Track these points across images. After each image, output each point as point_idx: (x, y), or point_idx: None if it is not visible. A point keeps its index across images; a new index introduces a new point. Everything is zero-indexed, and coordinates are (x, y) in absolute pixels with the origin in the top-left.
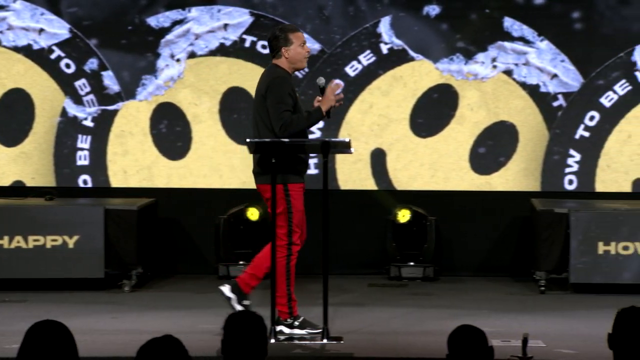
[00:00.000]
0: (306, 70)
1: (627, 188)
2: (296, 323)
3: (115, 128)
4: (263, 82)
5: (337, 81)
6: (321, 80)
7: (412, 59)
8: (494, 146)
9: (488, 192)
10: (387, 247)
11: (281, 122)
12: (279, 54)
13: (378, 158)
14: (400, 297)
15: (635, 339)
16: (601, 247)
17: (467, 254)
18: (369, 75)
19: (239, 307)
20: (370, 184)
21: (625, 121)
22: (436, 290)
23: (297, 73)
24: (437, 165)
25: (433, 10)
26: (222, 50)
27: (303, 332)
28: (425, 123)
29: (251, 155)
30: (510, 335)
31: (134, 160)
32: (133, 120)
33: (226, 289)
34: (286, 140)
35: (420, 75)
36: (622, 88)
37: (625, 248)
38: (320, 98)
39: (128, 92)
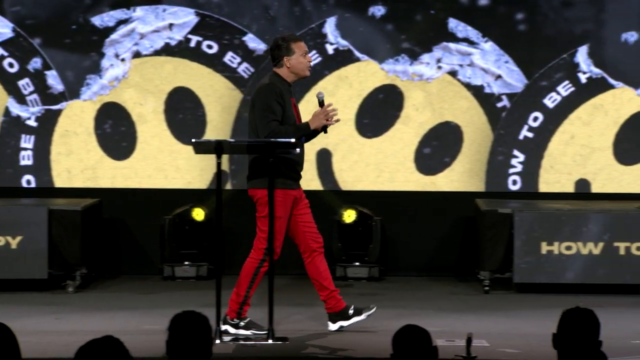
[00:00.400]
0: (252, 70)
1: (570, 188)
2: (242, 323)
3: (59, 128)
4: (254, 91)
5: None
6: (321, 95)
7: (357, 60)
8: (438, 147)
9: (433, 192)
10: (333, 248)
11: (267, 131)
12: (280, 63)
13: (324, 158)
14: (345, 297)
15: (579, 339)
16: (544, 247)
17: (412, 254)
18: (314, 76)
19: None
20: (315, 185)
21: (568, 122)
22: (381, 290)
23: (243, 72)
24: (382, 165)
25: (378, 11)
26: (167, 50)
27: (248, 332)
28: (370, 123)
29: (197, 156)
30: (454, 334)
31: (78, 160)
32: (77, 120)
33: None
34: (231, 140)
35: (365, 75)
36: (565, 89)
37: (568, 248)
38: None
39: (72, 91)
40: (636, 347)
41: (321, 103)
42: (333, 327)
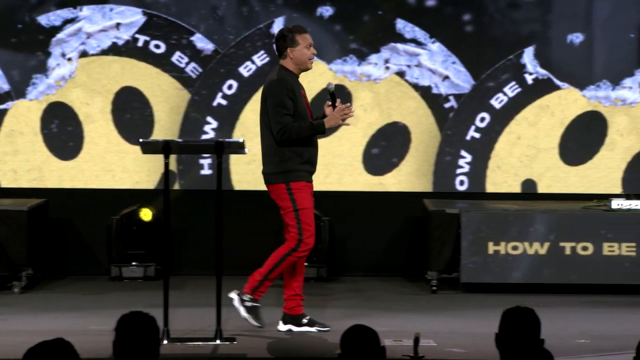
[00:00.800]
0: (200, 70)
1: (516, 189)
2: (248, 303)
3: (5, 128)
4: (264, 85)
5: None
6: (330, 85)
7: None
8: (386, 147)
9: (381, 192)
10: None
11: (280, 126)
12: (284, 54)
13: None
14: None
15: (520, 338)
16: (491, 247)
17: (360, 254)
18: (263, 76)
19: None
20: (264, 185)
21: (514, 123)
22: (329, 290)
23: (190, 72)
24: (330, 165)
25: (326, 11)
26: (114, 50)
27: (246, 315)
28: None
29: (144, 156)
30: (402, 334)
31: (24, 160)
32: (23, 119)
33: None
34: (179, 140)
35: (314, 76)
36: (511, 90)
37: (515, 248)
38: (330, 103)
39: (18, 91)
40: (581, 346)
41: (332, 94)
42: (283, 327)
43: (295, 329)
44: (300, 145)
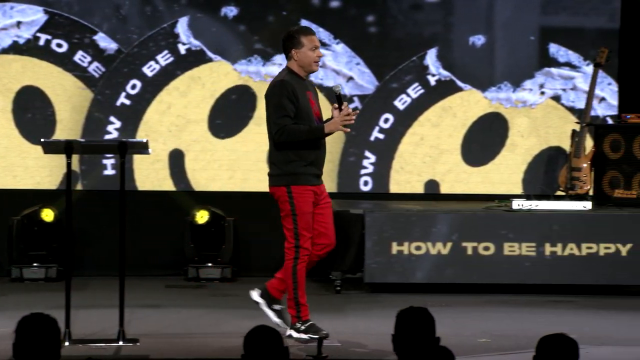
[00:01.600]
0: (103, 69)
1: (419, 189)
2: (302, 327)
3: None
4: (268, 88)
5: (351, 108)
6: (337, 88)
7: (210, 60)
8: None
9: None
10: (185, 248)
11: (277, 128)
12: (289, 55)
13: (176, 159)
14: (197, 298)
15: (415, 338)
16: (394, 247)
17: (265, 255)
18: (166, 76)
19: (269, 312)
20: (168, 185)
21: (417, 124)
22: (234, 291)
23: (93, 71)
24: (235, 166)
25: (231, 11)
26: (15, 49)
27: (305, 336)
28: (223, 124)
29: (46, 156)
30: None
31: None
32: None
33: (255, 294)
34: (82, 140)
35: (219, 76)
36: (415, 91)
37: (418, 248)
38: (337, 106)
39: None
40: (482, 345)
41: (338, 96)
42: (255, 296)
43: (264, 307)
44: (305, 147)
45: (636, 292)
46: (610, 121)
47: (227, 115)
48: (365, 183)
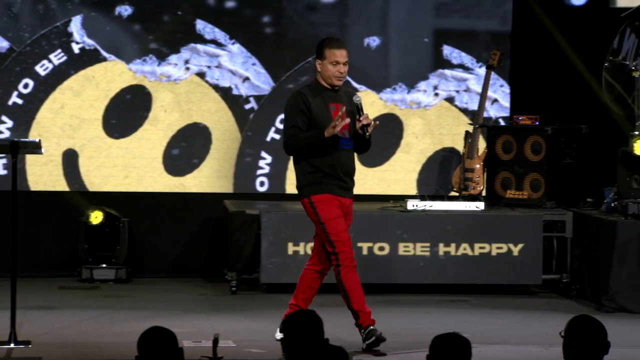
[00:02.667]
0: None
1: None
2: (363, 334)
3: None
4: None
5: (346, 120)
6: (357, 99)
7: (104, 59)
8: (187, 148)
9: (182, 193)
10: (79, 249)
11: (285, 138)
12: (315, 66)
13: (70, 159)
14: (91, 300)
15: (303, 340)
16: (291, 248)
17: (160, 256)
18: (60, 75)
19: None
20: (62, 185)
21: None
22: (128, 292)
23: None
24: (130, 166)
25: (125, 10)
26: None
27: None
28: (118, 124)
29: None
30: (201, 335)
31: None
32: None
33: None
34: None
35: (113, 75)
36: None
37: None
38: (360, 117)
39: None
40: (382, 345)
41: (357, 107)
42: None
43: (278, 334)
44: (318, 158)
45: (528, 291)
46: (502, 123)
47: (122, 115)
48: (262, 184)
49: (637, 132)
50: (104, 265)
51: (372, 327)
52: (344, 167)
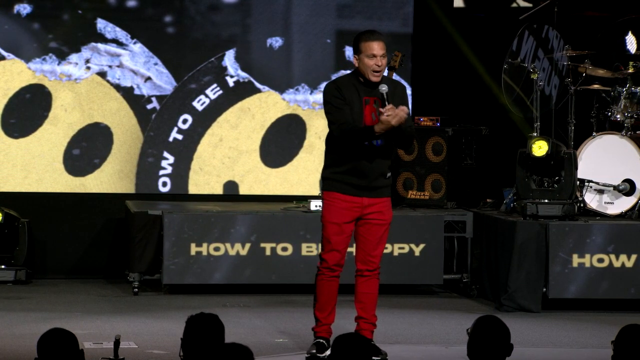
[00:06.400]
0: None
1: (219, 190)
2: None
3: None
4: None
5: (403, 108)
6: (383, 88)
7: (3, 58)
8: (88, 148)
9: (83, 193)
10: None
11: (333, 125)
12: (353, 63)
13: None
14: None
15: (203, 343)
16: (193, 248)
17: (61, 257)
18: None
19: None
20: None
21: (217, 125)
22: (28, 293)
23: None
24: (30, 166)
25: (24, 9)
26: None
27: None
28: (17, 123)
29: None
30: (102, 337)
31: None
32: None
33: None
34: None
35: (12, 74)
36: (213, 92)
37: (216, 249)
38: (386, 107)
39: None
40: (280, 345)
41: (382, 96)
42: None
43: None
44: (345, 153)
45: (429, 291)
46: None
47: (21, 115)
48: (164, 184)
49: (535, 134)
50: (2, 267)
51: (321, 341)
52: (363, 165)
